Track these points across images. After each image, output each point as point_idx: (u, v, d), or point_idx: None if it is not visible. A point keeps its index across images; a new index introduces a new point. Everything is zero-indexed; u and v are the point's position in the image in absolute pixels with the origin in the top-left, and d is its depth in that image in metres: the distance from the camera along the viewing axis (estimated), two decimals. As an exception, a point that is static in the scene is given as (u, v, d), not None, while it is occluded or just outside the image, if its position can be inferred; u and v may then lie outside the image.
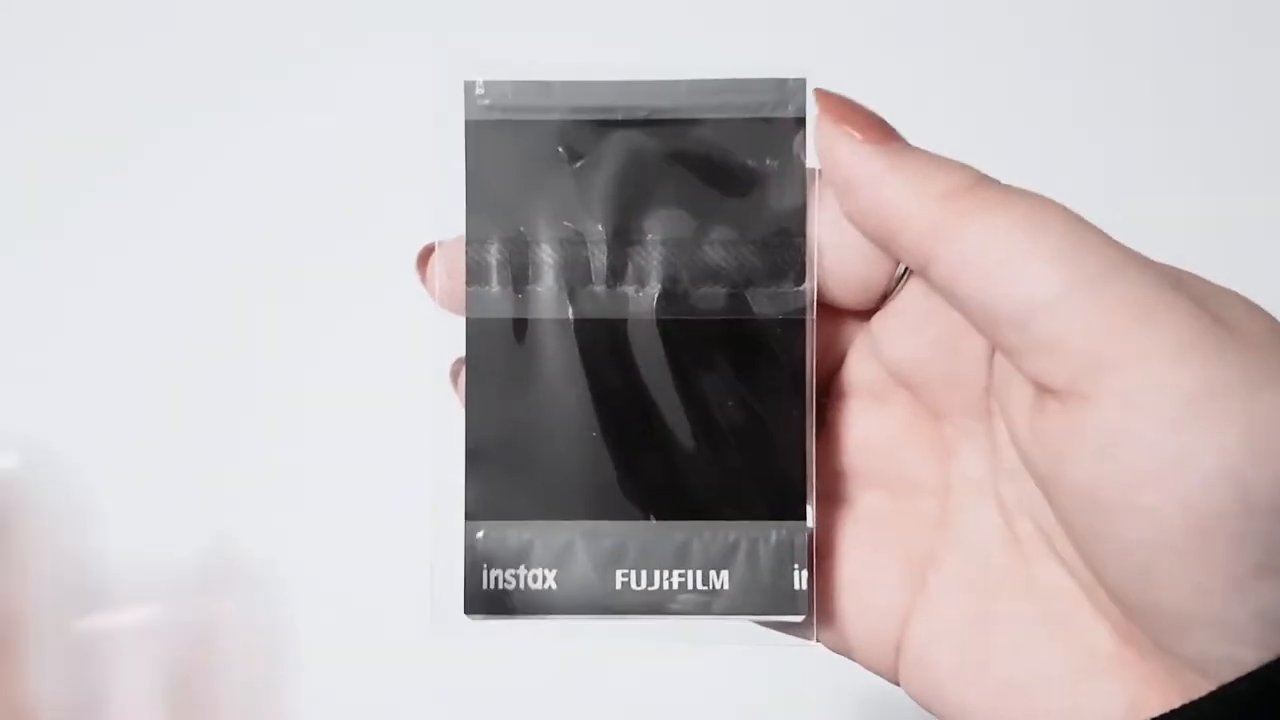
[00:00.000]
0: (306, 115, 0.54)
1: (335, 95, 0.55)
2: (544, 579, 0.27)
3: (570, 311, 0.27)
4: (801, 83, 0.26)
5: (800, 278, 0.26)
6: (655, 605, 0.27)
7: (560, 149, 0.27)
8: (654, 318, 0.27)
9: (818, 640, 0.26)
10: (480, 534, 0.27)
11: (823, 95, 0.25)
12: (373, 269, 0.50)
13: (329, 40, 0.55)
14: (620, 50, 0.53)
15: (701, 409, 0.27)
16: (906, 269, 0.25)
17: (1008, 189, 0.22)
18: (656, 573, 0.27)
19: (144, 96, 0.55)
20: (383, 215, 0.51)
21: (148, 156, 0.54)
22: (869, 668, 0.26)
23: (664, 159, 0.27)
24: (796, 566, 0.26)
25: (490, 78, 0.27)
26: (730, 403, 0.27)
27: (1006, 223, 0.21)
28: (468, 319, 0.27)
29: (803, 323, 0.26)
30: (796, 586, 0.26)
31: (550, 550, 0.27)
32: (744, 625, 0.26)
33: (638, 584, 0.27)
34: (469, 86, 0.27)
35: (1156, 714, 0.20)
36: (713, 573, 0.27)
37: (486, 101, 0.27)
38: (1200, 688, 0.20)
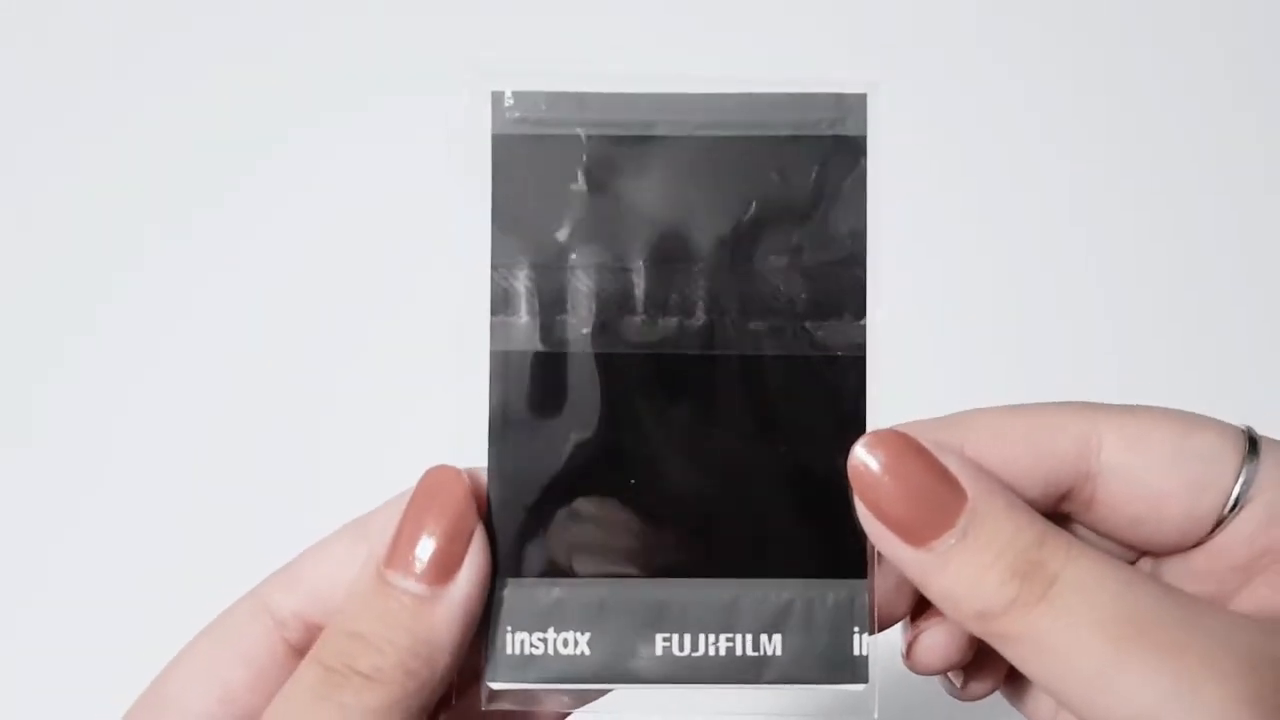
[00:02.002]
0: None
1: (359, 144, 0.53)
2: (576, 643, 0.24)
3: (607, 345, 0.24)
4: (861, 99, 0.24)
5: (860, 310, 0.24)
6: (700, 673, 0.24)
7: (596, 166, 0.24)
8: (699, 352, 0.24)
9: (877, 715, 0.24)
10: (504, 592, 0.24)
11: (854, 471, 0.23)
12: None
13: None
14: (660, 57, 0.51)
15: (751, 454, 0.24)
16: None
17: (1047, 603, 0.21)
18: (701, 636, 0.24)
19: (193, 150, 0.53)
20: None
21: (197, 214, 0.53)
22: None
23: (711, 179, 0.24)
24: (857, 629, 0.24)
25: (520, 87, 0.24)
26: (783, 447, 0.24)
27: (1039, 657, 0.22)
28: (491, 352, 0.24)
29: (861, 360, 0.24)
30: (857, 652, 0.24)
31: (582, 611, 0.24)
32: (798, 694, 0.24)
33: (680, 649, 0.24)
34: (497, 97, 0.24)
35: None
36: (764, 636, 0.24)
37: (516, 114, 0.24)
38: None
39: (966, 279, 0.52)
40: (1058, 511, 0.25)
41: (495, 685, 0.24)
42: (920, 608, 0.25)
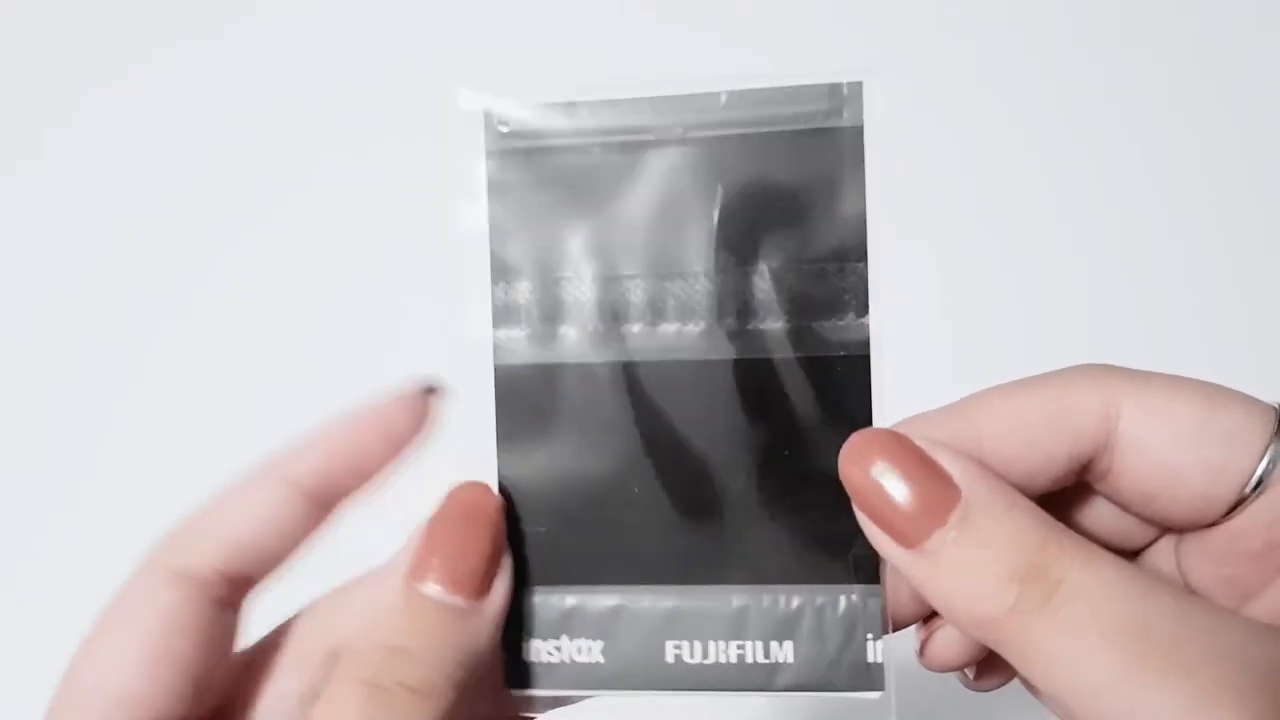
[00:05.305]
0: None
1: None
2: (590, 651, 0.24)
3: (609, 354, 0.24)
4: (857, 87, 0.23)
5: (863, 308, 0.23)
6: (711, 680, 0.24)
7: (591, 175, 0.24)
8: (702, 358, 0.24)
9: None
10: (520, 602, 0.24)
11: (844, 473, 0.23)
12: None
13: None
14: (650, 57, 0.50)
15: (757, 458, 0.24)
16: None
17: (1050, 611, 0.20)
18: (712, 644, 0.24)
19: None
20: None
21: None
22: None
23: (705, 181, 0.24)
24: (870, 636, 0.23)
25: (509, 102, 0.24)
26: (788, 451, 0.24)
27: (1042, 666, 0.21)
28: (495, 366, 0.24)
29: (866, 358, 0.23)
30: (870, 659, 0.23)
31: (595, 619, 0.24)
32: (815, 702, 0.23)
33: (691, 656, 0.24)
34: (488, 115, 0.24)
35: None
36: (774, 643, 0.24)
37: (507, 129, 0.24)
38: None
39: (972, 268, 0.51)
40: (1077, 482, 0.23)
41: (515, 692, 0.24)
42: None
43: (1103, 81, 0.52)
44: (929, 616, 0.24)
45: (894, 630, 0.23)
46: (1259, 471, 0.21)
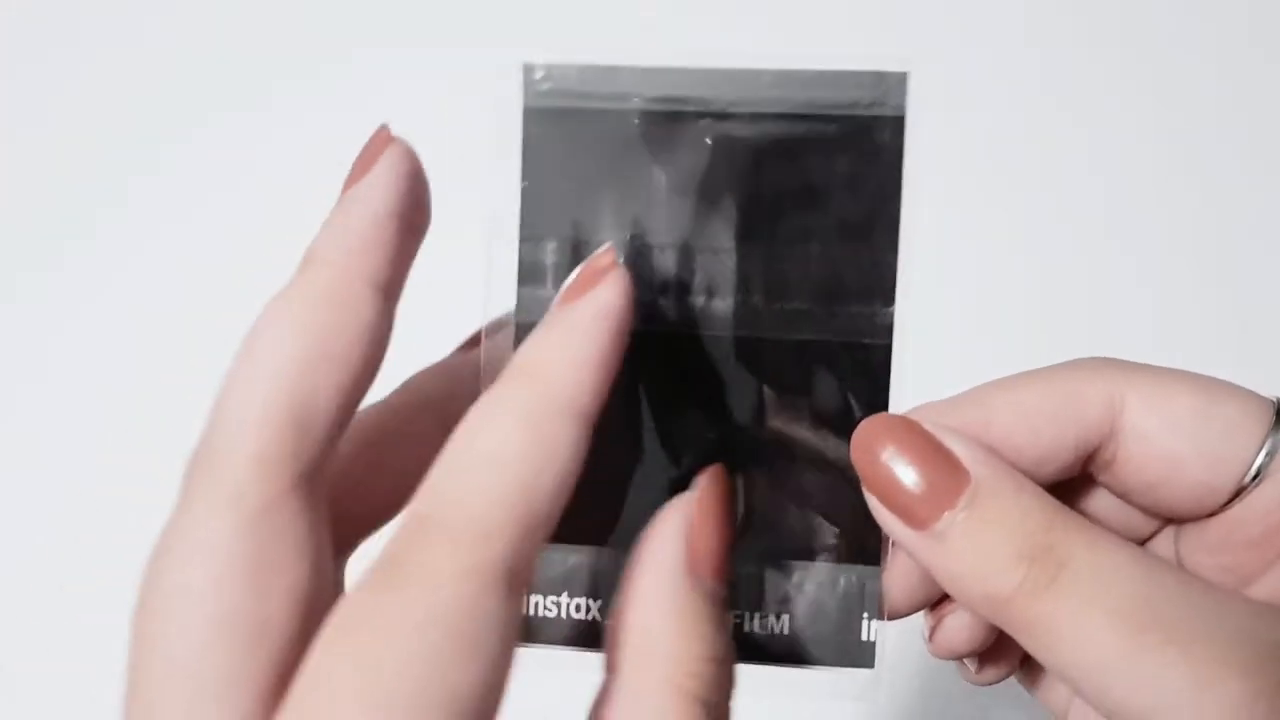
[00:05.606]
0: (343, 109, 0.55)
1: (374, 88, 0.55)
2: (588, 609, 0.25)
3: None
4: (902, 77, 0.23)
5: (889, 298, 0.24)
6: None
7: (628, 142, 0.24)
8: (724, 334, 0.24)
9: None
10: None
11: (856, 457, 0.23)
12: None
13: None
14: (696, 34, 0.50)
15: (769, 435, 0.24)
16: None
17: (1057, 589, 0.21)
18: None
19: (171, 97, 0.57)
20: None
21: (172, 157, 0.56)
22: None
23: (743, 157, 0.24)
24: (866, 615, 0.24)
25: (552, 60, 0.24)
26: (801, 431, 0.24)
27: (1050, 643, 0.21)
28: (517, 323, 0.24)
29: (888, 347, 0.24)
30: (865, 637, 0.24)
31: (595, 578, 0.24)
32: (808, 675, 0.24)
33: None
34: (528, 69, 0.24)
35: None
36: (771, 616, 0.24)
37: (547, 86, 0.24)
38: None
39: (998, 265, 0.52)
40: (1081, 473, 0.24)
41: None
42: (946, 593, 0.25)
43: (1128, 78, 0.53)
44: (934, 605, 0.25)
45: (892, 619, 0.24)
46: (1258, 462, 0.22)
